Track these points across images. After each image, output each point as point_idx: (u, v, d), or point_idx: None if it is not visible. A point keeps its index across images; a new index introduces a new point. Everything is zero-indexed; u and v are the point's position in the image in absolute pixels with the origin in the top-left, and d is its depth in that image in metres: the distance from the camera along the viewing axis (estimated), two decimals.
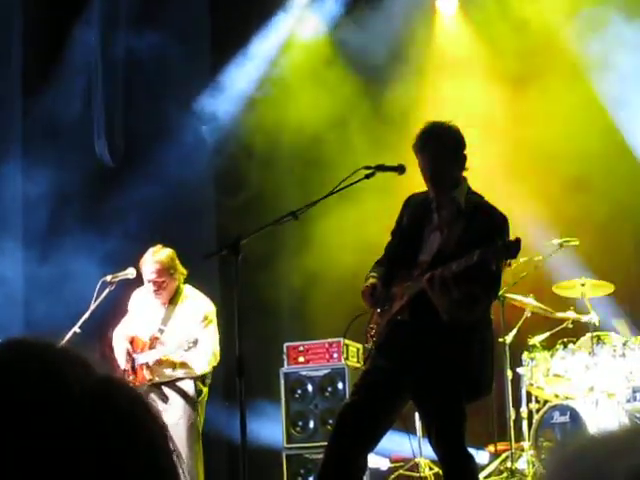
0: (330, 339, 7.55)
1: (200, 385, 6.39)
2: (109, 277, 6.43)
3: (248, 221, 7.19)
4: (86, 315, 6.29)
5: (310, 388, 7.43)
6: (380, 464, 7.34)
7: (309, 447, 7.32)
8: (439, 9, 9.17)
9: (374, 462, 6.99)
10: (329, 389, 7.40)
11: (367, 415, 4.70)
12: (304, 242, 8.41)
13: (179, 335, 6.28)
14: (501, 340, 6.99)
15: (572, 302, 7.30)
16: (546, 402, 7.25)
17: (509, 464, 6.98)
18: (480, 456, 7.19)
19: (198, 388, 6.37)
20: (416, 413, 6.26)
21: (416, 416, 6.69)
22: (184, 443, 6.19)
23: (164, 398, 6.31)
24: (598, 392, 6.92)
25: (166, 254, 6.44)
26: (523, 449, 7.11)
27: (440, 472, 5.32)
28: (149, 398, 6.00)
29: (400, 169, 4.89)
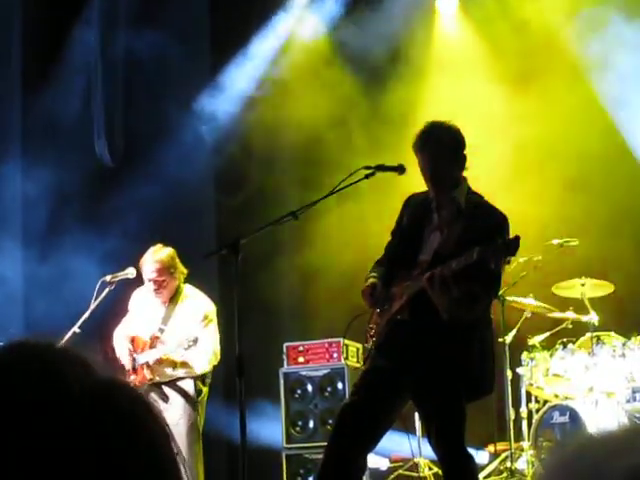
0: (330, 339, 7.55)
1: (200, 385, 6.39)
2: (109, 277, 6.43)
3: (248, 221, 7.20)
4: (86, 315, 6.29)
5: (310, 388, 7.43)
6: (380, 464, 7.34)
7: (309, 447, 7.32)
8: (439, 9, 9.16)
9: (374, 462, 6.99)
10: (329, 389, 7.40)
11: (367, 415, 4.70)
12: (304, 242, 8.41)
13: (179, 334, 6.29)
14: (501, 340, 6.99)
15: (572, 302, 7.30)
16: (546, 402, 7.25)
17: (509, 464, 6.97)
18: (480, 456, 7.19)
19: (198, 388, 6.37)
20: (416, 413, 6.26)
21: (416, 416, 6.69)
22: (184, 443, 6.20)
23: (164, 398, 6.32)
24: (598, 392, 6.92)
25: (166, 253, 6.45)
26: (523, 449, 7.11)
27: (440, 472, 5.32)
28: (149, 398, 5.99)
29: (400, 169, 4.89)
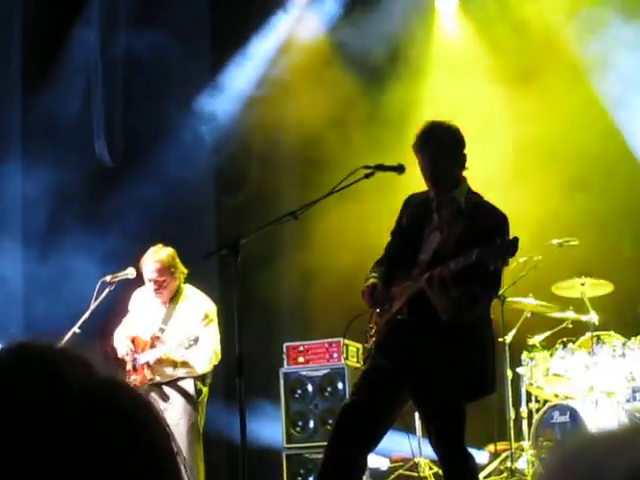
0: (330, 339, 7.55)
1: (200, 385, 6.39)
2: (109, 277, 6.43)
3: (248, 221, 7.19)
4: (86, 315, 6.29)
5: (310, 388, 7.43)
6: (380, 464, 7.34)
7: (309, 447, 7.32)
8: (438, 9, 9.16)
9: (374, 462, 6.99)
10: (329, 389, 7.40)
11: (367, 415, 4.69)
12: (304, 242, 8.41)
13: (180, 334, 6.29)
14: (501, 340, 6.99)
15: (572, 302, 7.30)
16: (546, 402, 7.25)
17: (509, 464, 6.97)
18: (480, 456, 7.18)
19: (198, 388, 6.37)
20: (416, 413, 6.26)
21: (416, 416, 6.68)
22: (185, 443, 6.21)
23: (165, 398, 6.32)
24: (598, 392, 6.92)
25: (167, 253, 6.45)
26: (523, 449, 7.11)
27: (440, 472, 5.32)
28: (149, 398, 5.99)
29: (399, 169, 4.88)
